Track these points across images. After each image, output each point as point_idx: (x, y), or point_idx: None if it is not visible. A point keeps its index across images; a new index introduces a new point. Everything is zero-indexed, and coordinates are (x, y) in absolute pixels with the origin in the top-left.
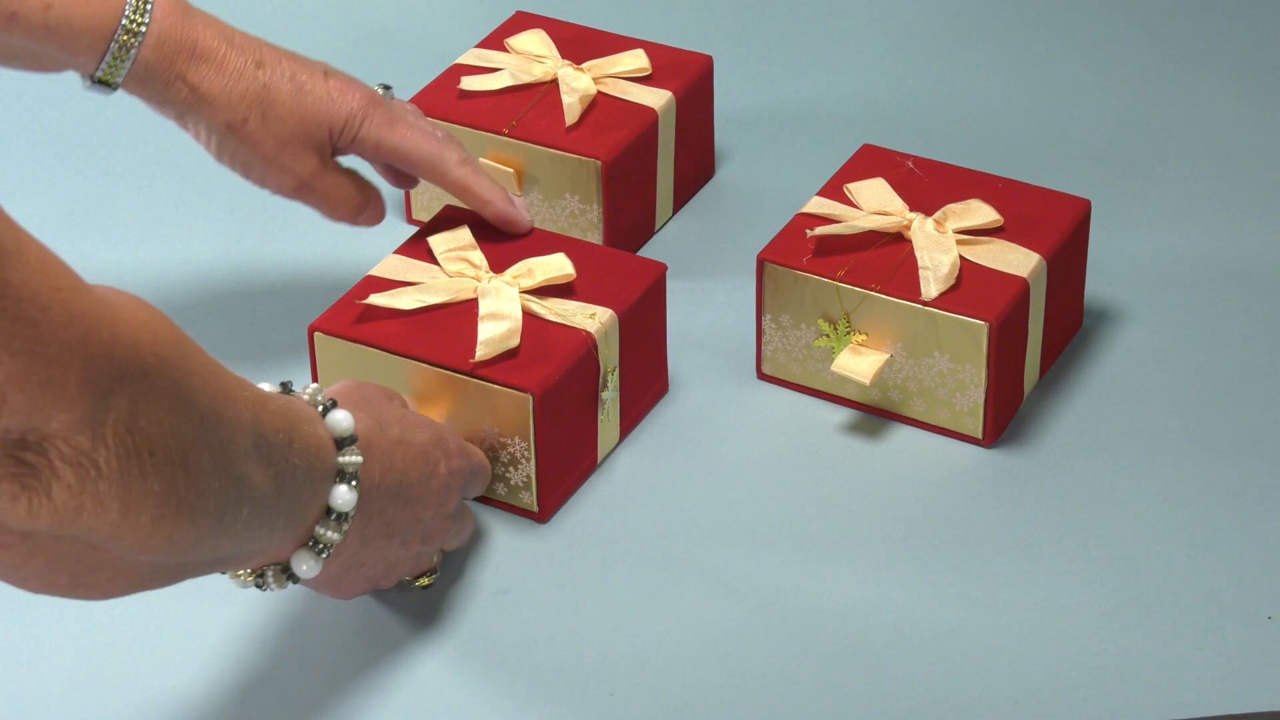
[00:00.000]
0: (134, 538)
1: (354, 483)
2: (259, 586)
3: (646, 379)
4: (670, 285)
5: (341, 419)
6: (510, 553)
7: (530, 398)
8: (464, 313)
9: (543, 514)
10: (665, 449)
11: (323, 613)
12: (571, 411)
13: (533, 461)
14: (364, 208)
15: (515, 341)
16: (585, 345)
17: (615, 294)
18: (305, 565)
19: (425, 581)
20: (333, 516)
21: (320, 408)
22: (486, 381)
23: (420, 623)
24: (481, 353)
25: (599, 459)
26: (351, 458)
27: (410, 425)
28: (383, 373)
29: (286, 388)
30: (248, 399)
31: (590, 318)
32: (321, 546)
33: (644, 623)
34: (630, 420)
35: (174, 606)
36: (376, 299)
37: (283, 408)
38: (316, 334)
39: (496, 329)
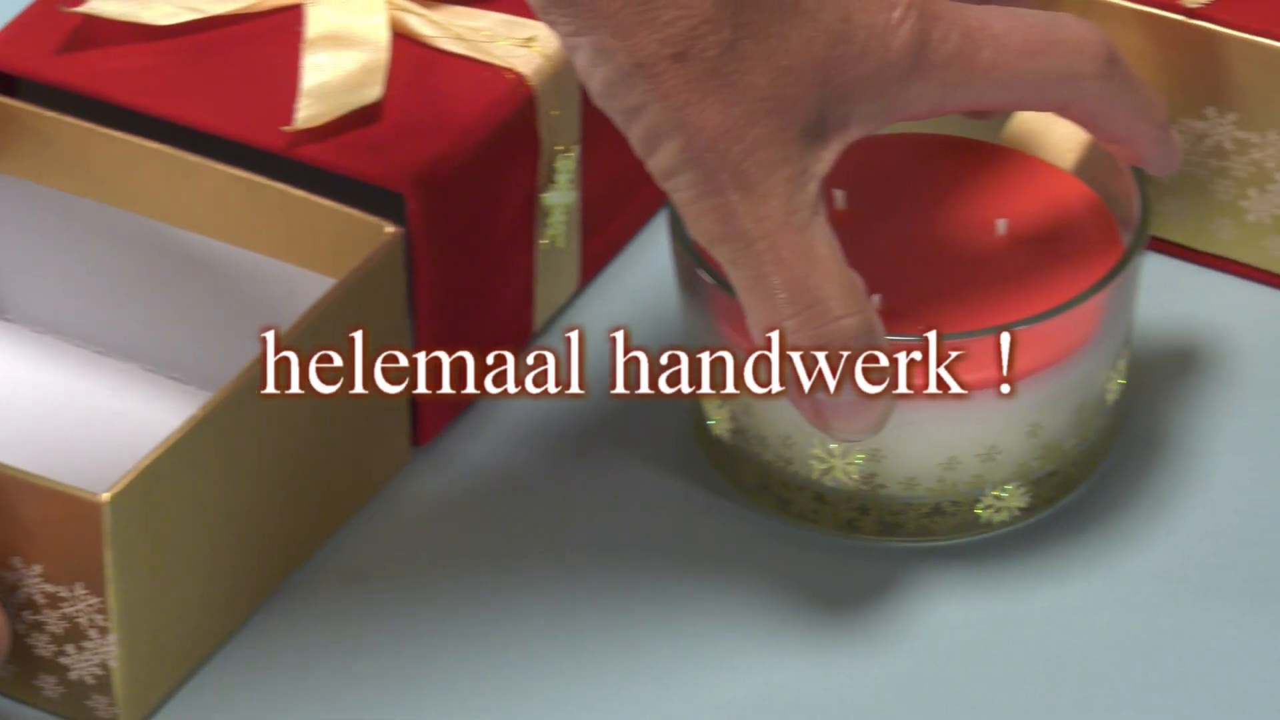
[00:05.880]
0: None
1: None
2: None
3: (639, 167)
4: None
5: None
6: (372, 518)
7: (403, 205)
8: (273, 35)
9: (421, 435)
10: (662, 306)
11: None
12: (480, 233)
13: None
14: None
15: (375, 92)
16: (511, 100)
17: None
18: None
19: None
20: None
21: None
22: (312, 166)
23: None
24: (308, 112)
25: (536, 325)
26: None
27: None
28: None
29: None
30: None
31: (523, 44)
32: None
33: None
34: (604, 247)
35: None
36: (98, 2)
37: None
38: None
39: (337, 65)
